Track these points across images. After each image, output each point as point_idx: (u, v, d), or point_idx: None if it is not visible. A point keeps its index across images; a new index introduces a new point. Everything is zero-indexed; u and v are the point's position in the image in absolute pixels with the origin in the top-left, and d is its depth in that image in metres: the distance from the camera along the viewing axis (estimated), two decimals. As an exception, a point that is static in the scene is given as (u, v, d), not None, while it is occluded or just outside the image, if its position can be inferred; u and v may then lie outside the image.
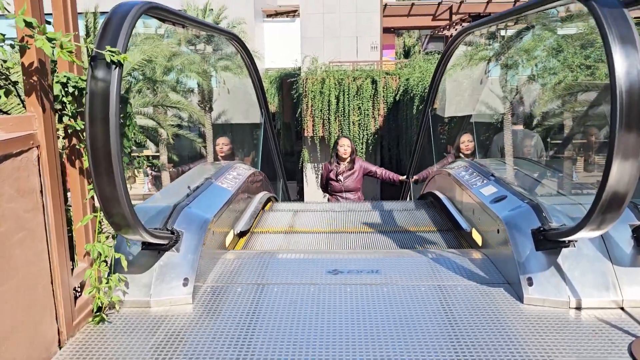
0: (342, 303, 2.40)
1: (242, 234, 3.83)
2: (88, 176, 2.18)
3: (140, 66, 11.61)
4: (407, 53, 22.58)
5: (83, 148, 2.16)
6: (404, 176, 6.51)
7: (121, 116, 2.12)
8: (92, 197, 2.22)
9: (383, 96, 15.32)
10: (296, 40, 16.59)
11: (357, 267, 2.81)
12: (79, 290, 2.26)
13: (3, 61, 2.11)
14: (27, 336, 1.85)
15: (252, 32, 16.41)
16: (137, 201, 3.09)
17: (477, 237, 3.25)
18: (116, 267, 2.34)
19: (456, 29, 16.92)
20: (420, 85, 14.03)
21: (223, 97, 13.61)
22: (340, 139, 6.16)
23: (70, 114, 2.10)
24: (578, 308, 2.32)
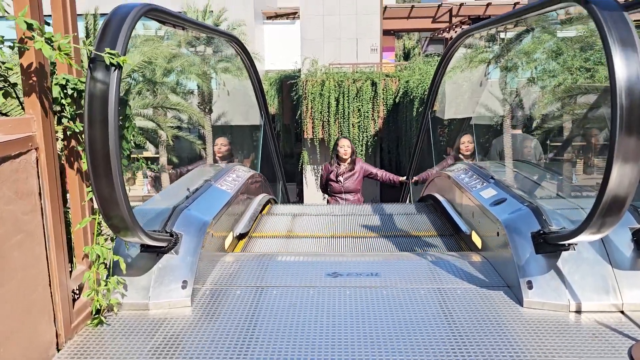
0: (342, 306, 2.39)
1: (242, 236, 3.83)
2: (87, 178, 2.18)
3: (140, 68, 11.61)
4: (407, 55, 22.60)
5: (82, 150, 2.15)
6: (404, 177, 6.51)
7: (120, 118, 2.12)
8: (91, 199, 2.22)
9: (383, 98, 15.33)
10: (296, 42, 16.60)
11: (357, 270, 2.80)
12: (78, 292, 2.25)
13: (2, 63, 2.11)
14: (25, 338, 1.84)
15: (252, 34, 16.42)
16: (137, 202, 3.10)
17: (477, 240, 3.24)
18: (115, 270, 2.34)
19: (456, 32, 16.92)
20: (420, 87, 14.02)
21: (223, 99, 13.63)
22: (340, 140, 6.12)
23: (69, 116, 2.10)
24: (578, 311, 2.31)
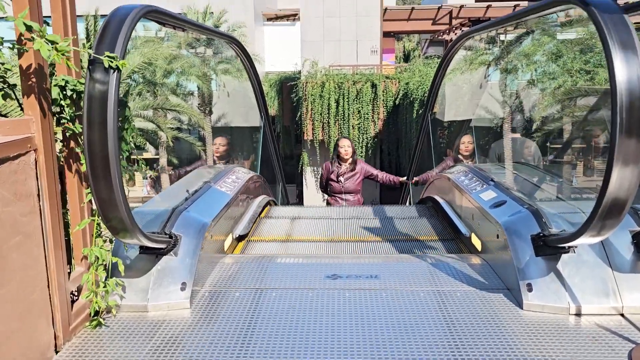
0: (341, 308, 2.39)
1: (241, 238, 3.82)
2: (86, 180, 2.17)
3: (140, 69, 11.61)
4: (407, 57, 22.63)
5: (81, 151, 2.14)
6: (404, 177, 6.51)
7: (119, 120, 2.11)
8: (90, 201, 2.21)
9: (383, 100, 15.33)
10: (296, 43, 16.61)
11: (356, 272, 2.79)
12: (76, 294, 2.24)
13: (1, 64, 2.10)
14: (24, 340, 1.83)
15: (252, 36, 16.43)
16: (137, 204, 3.09)
17: (477, 242, 3.24)
18: (113, 271, 2.33)
19: (456, 34, 16.94)
20: (420, 89, 14.03)
21: (223, 100, 13.62)
22: (340, 140, 6.10)
23: (68, 118, 2.09)
24: (578, 314, 2.31)
